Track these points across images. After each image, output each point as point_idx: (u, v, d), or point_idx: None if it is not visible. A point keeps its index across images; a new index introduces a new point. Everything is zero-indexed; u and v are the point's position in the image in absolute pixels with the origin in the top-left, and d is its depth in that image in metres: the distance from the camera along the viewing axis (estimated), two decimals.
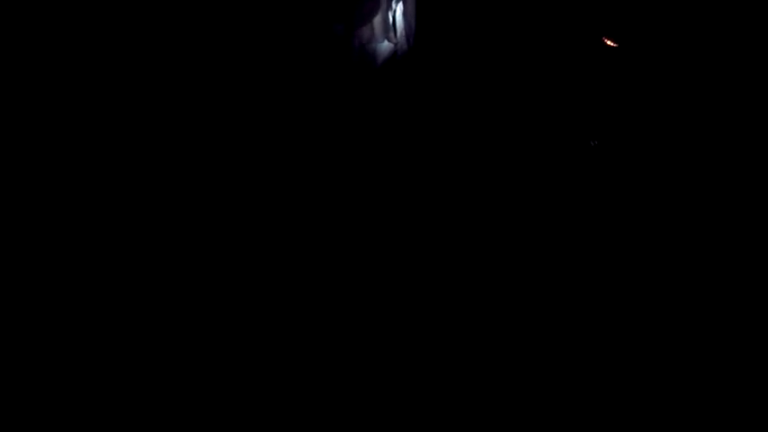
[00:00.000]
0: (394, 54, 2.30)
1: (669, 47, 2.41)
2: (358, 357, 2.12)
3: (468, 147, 2.40)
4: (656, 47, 2.41)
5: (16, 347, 2.08)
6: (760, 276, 2.17)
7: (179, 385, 2.06)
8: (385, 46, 2.27)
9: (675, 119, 2.37)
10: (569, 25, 2.44)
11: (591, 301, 2.19)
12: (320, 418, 2.04)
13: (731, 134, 2.33)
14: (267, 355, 2.12)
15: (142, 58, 2.26)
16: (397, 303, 2.20)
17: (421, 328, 2.17)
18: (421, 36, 2.38)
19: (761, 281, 2.16)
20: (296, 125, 2.29)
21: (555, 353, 2.12)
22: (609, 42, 2.41)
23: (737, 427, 2.00)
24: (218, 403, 2.05)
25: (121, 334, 2.12)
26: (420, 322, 2.18)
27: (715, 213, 2.27)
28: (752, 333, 2.10)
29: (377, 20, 2.23)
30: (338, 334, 2.16)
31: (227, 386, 2.07)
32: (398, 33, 2.28)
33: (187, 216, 2.26)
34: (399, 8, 2.26)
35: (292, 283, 2.22)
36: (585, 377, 2.08)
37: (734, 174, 2.30)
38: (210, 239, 2.25)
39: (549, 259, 2.26)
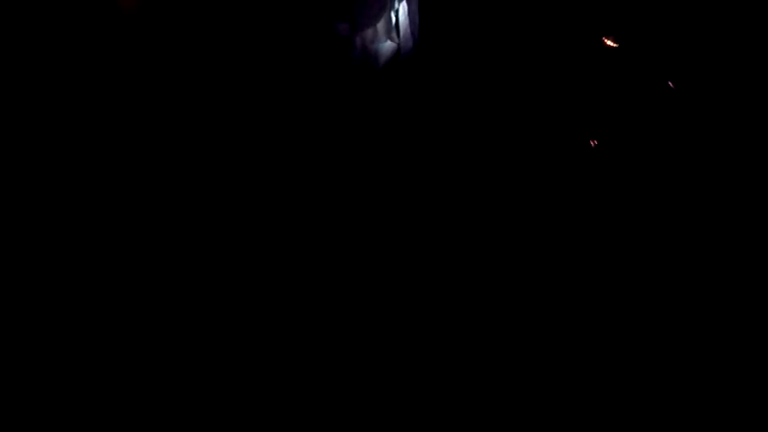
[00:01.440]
0: (397, 54, 2.28)
1: (669, 47, 2.41)
2: (358, 357, 2.13)
3: (471, 148, 2.40)
4: (656, 47, 2.42)
5: (16, 347, 2.07)
6: (760, 276, 2.18)
7: (179, 385, 2.06)
8: (387, 46, 2.26)
9: (676, 119, 2.38)
10: (570, 25, 2.44)
11: (591, 301, 2.20)
12: (320, 418, 2.04)
13: (731, 134, 2.34)
14: (267, 355, 2.12)
15: (141, 57, 2.25)
16: (398, 303, 2.20)
17: (421, 328, 2.18)
18: (424, 36, 2.38)
19: (761, 281, 2.17)
20: (297, 126, 2.29)
21: (555, 353, 2.13)
22: (609, 42, 2.42)
23: (737, 427, 2.02)
24: (219, 403, 2.05)
25: (121, 334, 2.11)
26: (420, 322, 2.18)
27: (715, 213, 2.28)
28: (752, 333, 2.12)
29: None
30: (338, 334, 2.16)
31: (227, 386, 2.07)
32: (401, 33, 2.27)
33: (187, 216, 2.26)
34: (402, 8, 2.25)
35: (293, 283, 2.21)
36: (585, 377, 2.09)
37: (734, 174, 2.31)
38: (210, 240, 2.24)
39: (550, 259, 2.27)
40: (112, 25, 2.21)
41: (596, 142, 2.38)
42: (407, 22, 2.28)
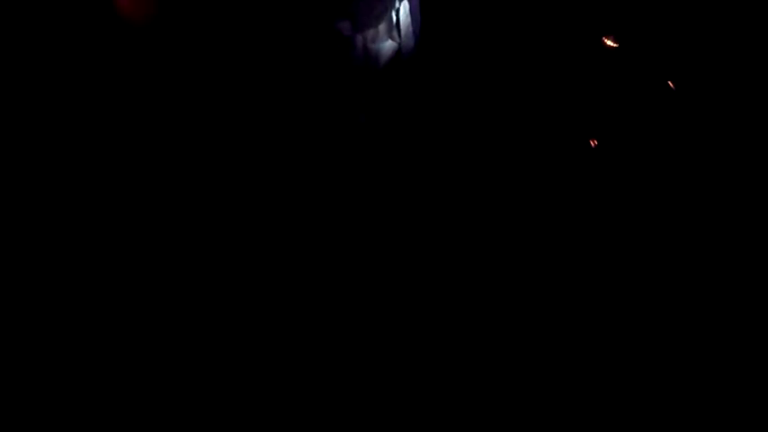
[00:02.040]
0: (398, 54, 2.28)
1: (669, 47, 2.42)
2: (357, 357, 2.13)
3: (472, 148, 2.40)
4: (656, 47, 2.42)
5: (16, 347, 2.06)
6: (760, 276, 2.19)
7: (179, 385, 2.06)
8: (388, 45, 2.25)
9: (676, 119, 2.39)
10: (570, 25, 2.45)
11: (591, 302, 2.21)
12: (320, 418, 2.04)
13: (731, 134, 2.35)
14: (267, 355, 2.11)
15: (141, 58, 2.24)
16: (397, 304, 2.20)
17: (420, 328, 2.18)
18: (426, 36, 2.38)
19: (761, 281, 2.18)
20: (297, 126, 2.28)
21: (555, 353, 2.14)
22: (609, 42, 2.42)
23: (737, 427, 2.02)
24: (218, 403, 2.04)
25: (121, 334, 2.11)
26: (420, 322, 2.18)
27: (715, 213, 2.28)
28: (752, 333, 2.12)
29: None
30: (338, 334, 2.16)
31: (227, 386, 2.07)
32: (402, 33, 2.26)
33: (187, 217, 2.25)
34: (403, 7, 2.24)
35: (292, 283, 2.21)
36: (586, 377, 2.10)
37: (734, 174, 2.31)
38: (210, 240, 2.24)
39: (550, 259, 2.27)
40: (112, 26, 2.20)
41: (596, 142, 2.38)
42: (409, 21, 2.27)
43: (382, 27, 2.22)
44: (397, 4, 2.23)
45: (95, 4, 2.19)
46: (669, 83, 2.38)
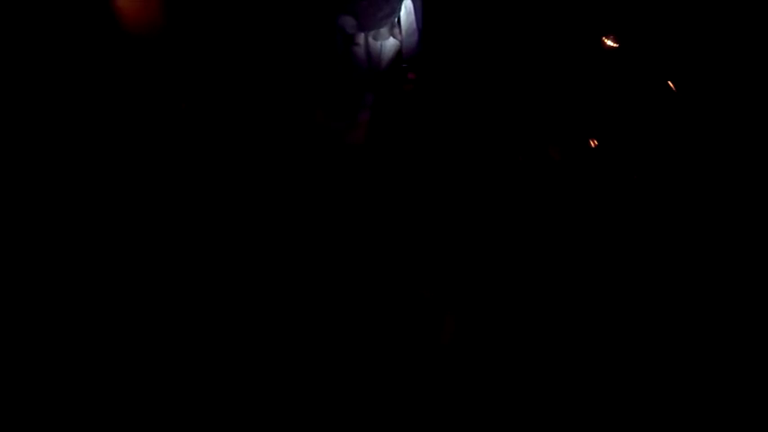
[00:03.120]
0: (399, 52, 2.29)
1: (669, 47, 2.42)
2: (356, 356, 2.13)
3: (472, 147, 2.40)
4: (657, 47, 2.42)
5: (16, 347, 2.06)
6: (760, 276, 2.19)
7: (179, 385, 2.06)
8: (390, 43, 2.26)
9: (676, 119, 2.39)
10: (570, 25, 2.45)
11: (591, 301, 2.21)
12: (320, 417, 2.04)
13: (731, 134, 2.35)
14: (267, 354, 2.11)
15: (142, 51, 2.24)
16: (395, 302, 2.20)
17: (419, 325, 2.18)
18: (427, 34, 2.38)
19: (761, 281, 2.18)
20: (300, 123, 2.29)
21: (555, 352, 2.14)
22: (609, 42, 2.42)
23: (737, 427, 2.03)
24: (218, 403, 2.05)
25: (121, 334, 2.11)
26: (418, 320, 2.19)
27: (715, 213, 2.29)
28: (752, 333, 2.13)
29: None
30: (337, 333, 2.16)
31: (227, 386, 2.07)
32: (404, 31, 2.27)
33: (187, 215, 2.25)
34: (406, 6, 2.25)
35: (292, 281, 2.21)
36: (586, 377, 2.10)
37: (734, 174, 2.32)
38: (210, 238, 2.24)
39: (550, 258, 2.28)
40: (114, 32, 2.20)
41: (596, 142, 2.38)
42: (411, 19, 2.28)
43: (385, 26, 2.23)
44: (399, 4, 2.24)
45: (97, 11, 2.19)
46: (669, 83, 2.38)
